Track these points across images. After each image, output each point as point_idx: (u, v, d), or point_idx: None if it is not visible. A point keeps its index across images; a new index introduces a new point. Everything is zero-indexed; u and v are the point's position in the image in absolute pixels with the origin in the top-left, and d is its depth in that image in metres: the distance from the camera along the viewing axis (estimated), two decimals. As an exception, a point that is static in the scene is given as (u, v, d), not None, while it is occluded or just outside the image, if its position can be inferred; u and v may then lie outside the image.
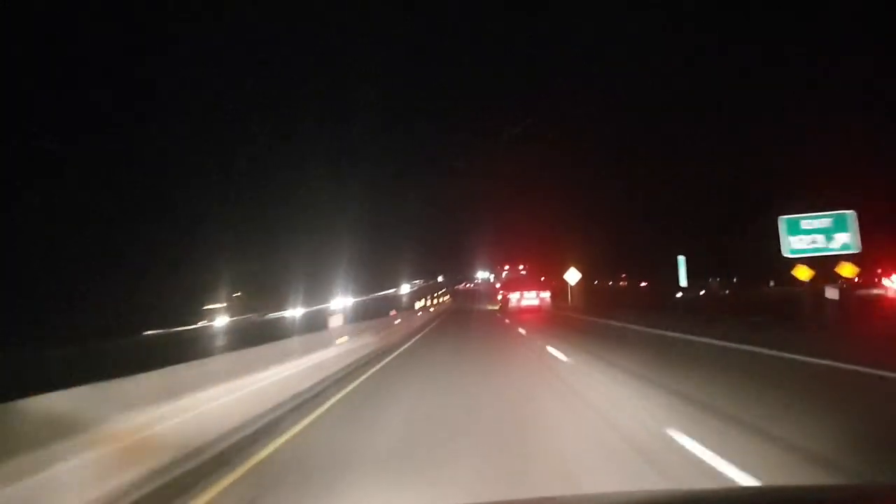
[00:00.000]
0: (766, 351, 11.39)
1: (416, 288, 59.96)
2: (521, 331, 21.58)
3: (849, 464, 4.35)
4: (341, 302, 37.19)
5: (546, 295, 44.69)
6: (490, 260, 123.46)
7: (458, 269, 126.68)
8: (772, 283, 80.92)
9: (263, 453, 5.42)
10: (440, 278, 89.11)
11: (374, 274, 51.53)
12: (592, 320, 26.86)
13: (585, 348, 14.02)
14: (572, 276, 43.83)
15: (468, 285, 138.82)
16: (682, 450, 4.90)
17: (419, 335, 22.02)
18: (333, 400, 8.23)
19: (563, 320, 29.32)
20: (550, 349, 13.65)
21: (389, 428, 6.32)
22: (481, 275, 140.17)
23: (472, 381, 9.74)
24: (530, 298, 43.61)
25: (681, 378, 8.76)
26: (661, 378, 8.78)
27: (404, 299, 49.76)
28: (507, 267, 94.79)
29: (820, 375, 8.76)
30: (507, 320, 30.59)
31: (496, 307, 57.18)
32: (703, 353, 12.51)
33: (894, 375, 7.95)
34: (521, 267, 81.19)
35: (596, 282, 68.81)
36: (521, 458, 4.98)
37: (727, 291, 73.62)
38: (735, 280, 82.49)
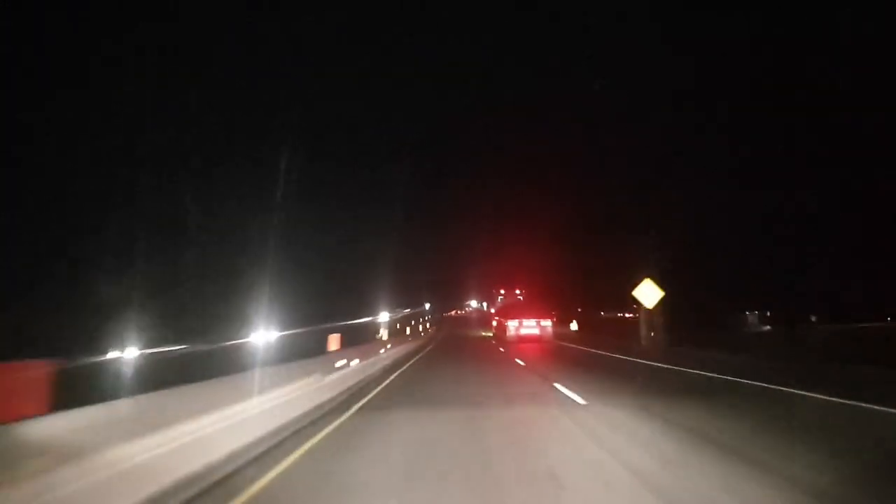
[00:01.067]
0: None
1: (396, 316, 48.11)
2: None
3: None
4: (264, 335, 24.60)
5: (547, 323, 39.56)
6: (484, 284, 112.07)
7: (448, 295, 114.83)
8: (813, 318, 69.40)
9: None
10: (426, 305, 77.63)
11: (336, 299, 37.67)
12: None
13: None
14: (648, 293, 25.19)
15: (459, 312, 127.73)
16: None
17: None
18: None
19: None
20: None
21: None
22: (474, 303, 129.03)
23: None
24: (530, 327, 39.07)
25: None
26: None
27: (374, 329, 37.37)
28: (502, 291, 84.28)
29: None
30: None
31: (490, 333, 54.11)
32: None
33: None
34: (517, 291, 71.43)
35: (602, 312, 58.91)
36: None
37: (767, 327, 61.72)
38: (769, 314, 70.83)
